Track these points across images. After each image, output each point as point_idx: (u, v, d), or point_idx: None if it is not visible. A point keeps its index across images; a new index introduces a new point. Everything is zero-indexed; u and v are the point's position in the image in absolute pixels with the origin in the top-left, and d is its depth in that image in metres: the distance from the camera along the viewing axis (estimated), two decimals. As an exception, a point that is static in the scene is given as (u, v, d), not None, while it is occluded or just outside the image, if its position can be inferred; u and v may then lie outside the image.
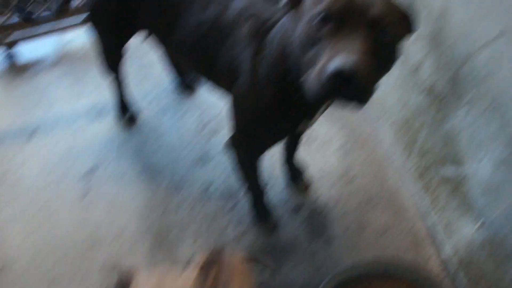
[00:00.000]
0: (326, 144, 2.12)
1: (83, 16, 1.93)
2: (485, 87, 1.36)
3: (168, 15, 1.50)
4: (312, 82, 0.97)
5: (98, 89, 2.35)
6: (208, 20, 1.39)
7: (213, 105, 2.28)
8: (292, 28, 1.11)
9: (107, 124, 2.24)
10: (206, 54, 1.45)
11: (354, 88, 0.91)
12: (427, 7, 1.55)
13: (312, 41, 1.00)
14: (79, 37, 2.61)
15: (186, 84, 2.33)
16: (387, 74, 1.06)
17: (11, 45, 2.55)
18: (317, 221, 1.91)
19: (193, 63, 1.58)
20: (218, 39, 1.38)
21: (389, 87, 1.93)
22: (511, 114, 1.28)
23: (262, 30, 1.28)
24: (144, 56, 2.46)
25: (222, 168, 2.04)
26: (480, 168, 1.47)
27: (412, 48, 1.69)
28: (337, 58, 0.91)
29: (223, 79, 1.46)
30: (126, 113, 2.22)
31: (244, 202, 1.95)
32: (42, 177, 2.09)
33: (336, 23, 0.97)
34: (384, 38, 0.99)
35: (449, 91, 1.55)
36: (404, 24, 1.10)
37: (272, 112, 1.32)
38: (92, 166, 2.11)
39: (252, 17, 1.32)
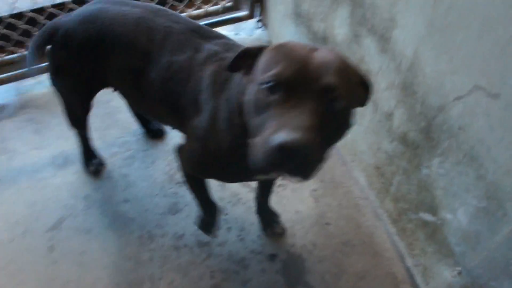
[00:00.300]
0: (299, 188, 2.11)
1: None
2: (459, 139, 1.38)
3: (136, 65, 1.48)
4: (256, 151, 0.95)
5: (62, 137, 2.26)
6: (179, 60, 1.40)
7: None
8: (245, 87, 1.12)
9: (73, 174, 2.16)
10: (172, 93, 1.44)
11: (297, 162, 0.90)
12: (399, 56, 1.58)
13: (260, 107, 1.00)
14: (41, 83, 2.51)
15: (153, 132, 2.28)
16: (357, 120, 1.07)
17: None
18: (293, 268, 1.88)
19: (158, 107, 1.55)
20: (185, 77, 1.39)
21: (361, 132, 1.94)
22: (487, 166, 1.29)
23: (224, 74, 1.30)
24: (110, 102, 2.39)
25: (194, 217, 2.00)
26: (456, 216, 1.48)
27: (384, 96, 1.71)
28: (281, 132, 0.89)
29: (187, 117, 1.43)
30: (92, 162, 2.15)
31: (218, 250, 1.91)
32: (7, 231, 1.99)
33: (284, 92, 0.97)
34: (335, 108, 0.97)
35: (422, 140, 1.56)
36: (359, 90, 1.11)
37: (223, 157, 1.32)
38: (58, 218, 2.02)
39: (220, 60, 1.34)
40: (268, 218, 1.96)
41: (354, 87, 1.06)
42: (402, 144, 1.69)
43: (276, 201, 2.03)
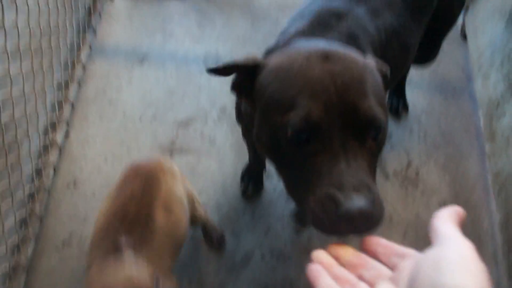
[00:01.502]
0: (430, 193, 1.94)
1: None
2: None
3: None
4: (317, 215, 0.74)
5: (222, 40, 2.22)
6: None
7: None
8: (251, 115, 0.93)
9: (219, 81, 2.11)
10: None
11: (371, 223, 0.72)
12: None
13: (287, 156, 0.80)
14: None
15: None
16: None
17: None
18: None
19: None
20: None
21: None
22: None
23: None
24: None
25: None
26: None
27: None
28: (346, 198, 0.71)
29: None
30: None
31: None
32: (139, 108, 2.02)
33: (321, 139, 0.76)
34: (379, 138, 0.79)
35: None
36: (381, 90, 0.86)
37: None
38: (189, 117, 2.01)
39: None
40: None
41: (383, 94, 0.85)
42: None
43: (402, 196, 1.90)
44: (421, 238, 1.83)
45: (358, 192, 0.72)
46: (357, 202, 0.70)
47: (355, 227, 0.71)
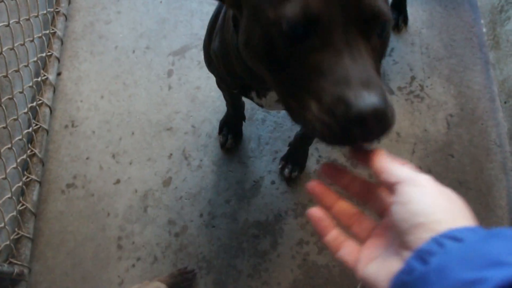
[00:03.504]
0: (437, 107, 1.91)
1: None
2: None
3: None
4: (324, 123, 0.63)
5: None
6: None
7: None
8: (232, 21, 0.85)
9: (211, 3, 2.01)
10: None
11: (380, 128, 0.61)
12: None
13: (284, 58, 0.69)
14: None
15: None
16: None
17: None
18: (400, 186, 1.76)
19: None
20: None
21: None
22: None
23: None
24: None
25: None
26: None
27: None
28: (355, 94, 0.60)
29: None
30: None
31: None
32: (131, 39, 1.93)
33: (321, 32, 0.64)
34: (384, 35, 0.69)
35: None
36: None
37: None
38: (184, 45, 1.93)
39: None
40: (294, 157, 1.72)
41: None
42: None
43: (408, 111, 1.86)
44: (430, 153, 1.81)
45: (369, 88, 0.60)
46: (370, 99, 0.59)
47: (369, 130, 0.60)
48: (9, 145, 1.49)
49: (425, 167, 1.79)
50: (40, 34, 1.75)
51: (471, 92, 1.95)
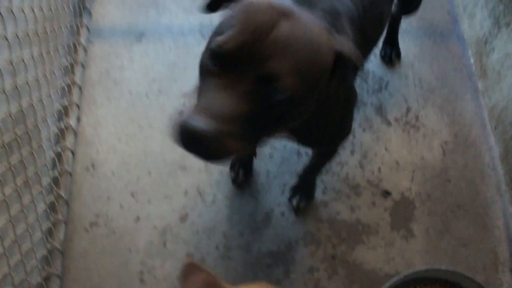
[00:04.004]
0: (432, 135, 2.04)
1: None
2: None
3: None
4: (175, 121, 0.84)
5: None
6: None
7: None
8: None
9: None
10: None
11: (201, 148, 0.81)
12: None
13: (202, 71, 0.90)
14: None
15: None
16: None
17: None
18: (402, 211, 1.88)
19: None
20: None
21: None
22: None
23: None
24: None
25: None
26: None
27: None
28: (191, 114, 0.79)
29: None
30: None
31: (336, 169, 1.92)
32: (144, 84, 2.07)
33: (224, 66, 0.83)
34: (274, 99, 0.83)
35: None
36: (323, 73, 0.90)
37: None
38: (193, 88, 2.06)
39: None
40: (301, 188, 1.84)
41: (318, 72, 0.88)
42: None
43: (405, 140, 2.00)
44: (428, 179, 1.94)
45: (204, 115, 0.78)
46: (194, 120, 0.78)
47: (187, 143, 0.81)
48: (39, 188, 1.61)
49: (424, 192, 1.92)
50: (61, 84, 1.89)
51: (463, 119, 2.09)
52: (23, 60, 1.51)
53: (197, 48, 2.07)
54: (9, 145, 1.42)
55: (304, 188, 1.82)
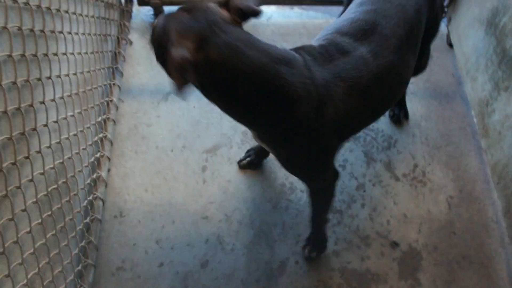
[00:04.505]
0: (438, 190, 2.17)
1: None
2: None
3: None
4: None
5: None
6: None
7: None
8: None
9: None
10: None
11: None
12: None
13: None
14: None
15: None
16: None
17: (161, 5, 2.67)
18: (410, 262, 1.99)
19: None
20: None
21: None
22: None
23: None
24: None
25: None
26: None
27: None
28: None
29: None
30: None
31: (348, 221, 2.05)
32: (170, 140, 2.24)
33: None
34: None
35: None
36: None
37: None
38: (215, 144, 2.24)
39: None
40: (314, 239, 1.98)
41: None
42: None
43: (413, 194, 2.13)
44: (434, 231, 2.06)
45: None
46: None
47: None
48: (73, 234, 1.76)
49: (431, 244, 2.03)
50: (95, 139, 2.07)
51: (468, 175, 2.22)
52: (65, 118, 1.69)
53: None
54: (50, 193, 1.58)
55: (316, 239, 1.95)
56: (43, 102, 1.51)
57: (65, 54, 1.70)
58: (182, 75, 1.11)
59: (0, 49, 1.27)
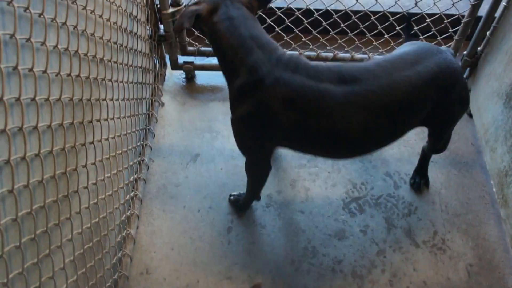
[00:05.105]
0: (457, 258, 2.21)
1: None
2: None
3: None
4: None
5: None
6: None
7: (365, 181, 2.44)
8: None
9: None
10: None
11: None
12: None
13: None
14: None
15: None
16: None
17: (192, 69, 2.84)
18: (430, 330, 2.01)
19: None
20: None
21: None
22: None
23: None
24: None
25: (357, 248, 2.18)
26: None
27: None
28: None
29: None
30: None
31: (368, 282, 2.08)
32: (196, 201, 2.33)
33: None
34: None
35: None
36: None
37: None
38: (240, 205, 2.32)
39: None
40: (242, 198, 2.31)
41: None
42: None
43: (432, 261, 2.17)
44: (454, 300, 2.09)
45: None
46: None
47: None
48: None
49: (451, 313, 2.05)
50: (127, 197, 2.17)
51: (487, 244, 2.26)
52: (103, 180, 1.80)
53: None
54: (86, 251, 1.67)
55: (244, 200, 2.24)
56: (85, 166, 1.62)
57: (106, 119, 1.82)
58: (184, 20, 1.62)
59: (53, 118, 1.39)
